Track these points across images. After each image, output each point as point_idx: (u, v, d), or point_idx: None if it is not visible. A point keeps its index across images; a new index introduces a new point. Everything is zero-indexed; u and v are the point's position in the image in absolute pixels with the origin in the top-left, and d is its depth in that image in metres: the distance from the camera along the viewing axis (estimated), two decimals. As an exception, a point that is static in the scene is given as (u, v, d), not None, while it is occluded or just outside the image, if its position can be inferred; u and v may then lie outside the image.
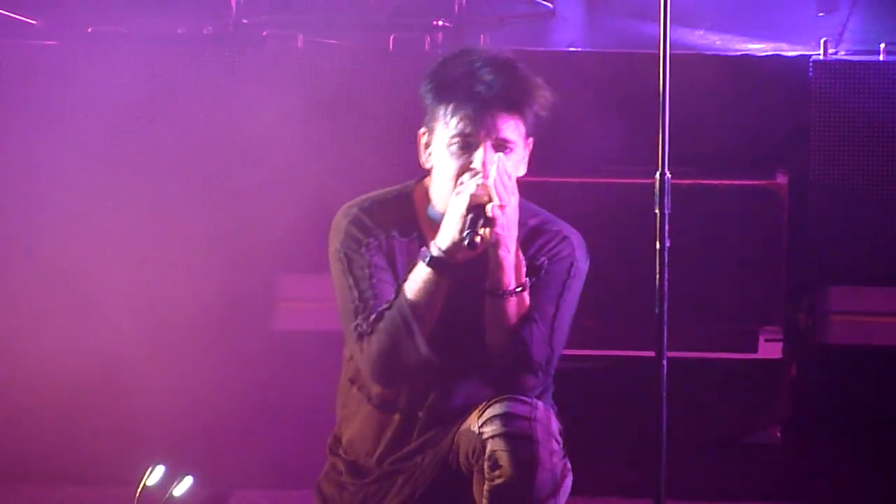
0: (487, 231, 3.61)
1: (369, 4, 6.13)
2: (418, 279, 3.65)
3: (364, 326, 3.70)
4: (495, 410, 3.61)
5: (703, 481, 5.19)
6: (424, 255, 3.66)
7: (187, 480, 4.40)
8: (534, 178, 3.82)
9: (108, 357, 5.33)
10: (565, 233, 3.81)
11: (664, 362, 3.80)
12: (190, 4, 6.06)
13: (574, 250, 3.80)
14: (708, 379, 5.30)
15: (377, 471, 3.81)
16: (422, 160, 3.80)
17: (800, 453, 5.33)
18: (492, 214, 3.60)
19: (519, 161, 3.73)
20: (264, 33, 5.72)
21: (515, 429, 3.57)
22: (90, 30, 5.70)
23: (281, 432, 5.33)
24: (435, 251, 3.65)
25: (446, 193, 3.69)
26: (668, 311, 3.79)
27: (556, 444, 3.61)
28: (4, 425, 5.34)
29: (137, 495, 4.31)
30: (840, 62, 5.44)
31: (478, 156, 3.67)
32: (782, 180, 5.43)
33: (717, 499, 5.13)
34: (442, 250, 3.64)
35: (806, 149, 5.41)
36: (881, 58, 5.45)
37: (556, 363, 3.75)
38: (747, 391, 5.35)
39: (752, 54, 5.72)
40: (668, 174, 3.81)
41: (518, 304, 3.67)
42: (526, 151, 3.76)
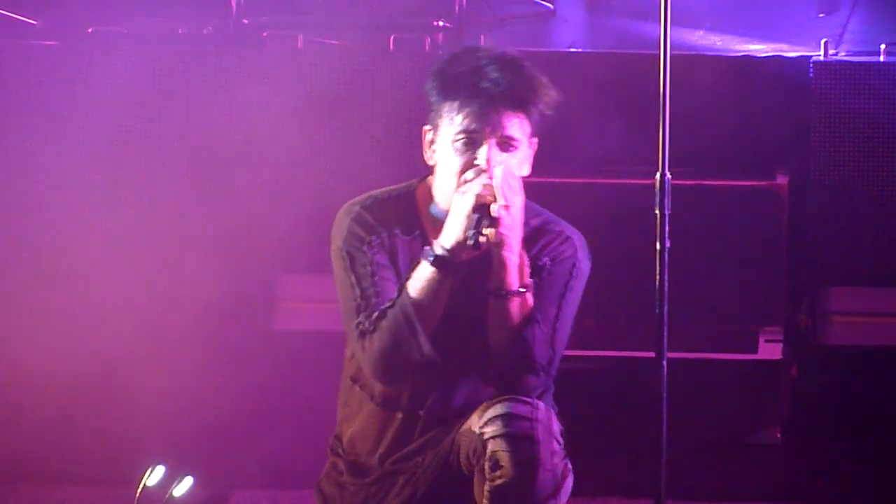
0: (492, 231, 3.60)
1: (369, 5, 6.13)
2: (421, 278, 3.65)
3: (366, 324, 3.69)
4: (496, 411, 3.61)
5: (703, 481, 5.19)
6: (428, 253, 3.66)
7: (187, 480, 4.40)
8: (534, 178, 3.81)
9: (107, 357, 5.32)
10: (568, 233, 3.81)
11: (664, 363, 3.80)
12: (190, 5, 6.06)
13: (576, 251, 3.80)
14: (708, 379, 5.30)
15: (378, 470, 3.81)
16: (426, 157, 3.79)
17: (800, 453, 5.32)
18: (496, 215, 3.60)
19: (523, 160, 3.73)
20: (264, 33, 5.71)
21: (517, 429, 3.57)
22: (90, 30, 5.68)
23: (281, 432, 5.32)
24: (439, 250, 3.64)
25: (450, 190, 3.69)
26: (668, 311, 3.79)
27: (557, 445, 3.60)
28: (4, 425, 5.34)
29: (137, 495, 4.32)
30: (840, 63, 5.44)
31: (482, 153, 3.67)
32: (782, 181, 5.43)
33: (717, 499, 5.14)
34: (446, 249, 3.64)
35: (806, 149, 5.41)
36: (881, 59, 5.45)
37: (558, 364, 3.75)
38: (747, 391, 5.34)
39: (753, 55, 5.71)
40: (668, 174, 3.81)
41: (521, 305, 3.67)
42: (530, 151, 3.75)
